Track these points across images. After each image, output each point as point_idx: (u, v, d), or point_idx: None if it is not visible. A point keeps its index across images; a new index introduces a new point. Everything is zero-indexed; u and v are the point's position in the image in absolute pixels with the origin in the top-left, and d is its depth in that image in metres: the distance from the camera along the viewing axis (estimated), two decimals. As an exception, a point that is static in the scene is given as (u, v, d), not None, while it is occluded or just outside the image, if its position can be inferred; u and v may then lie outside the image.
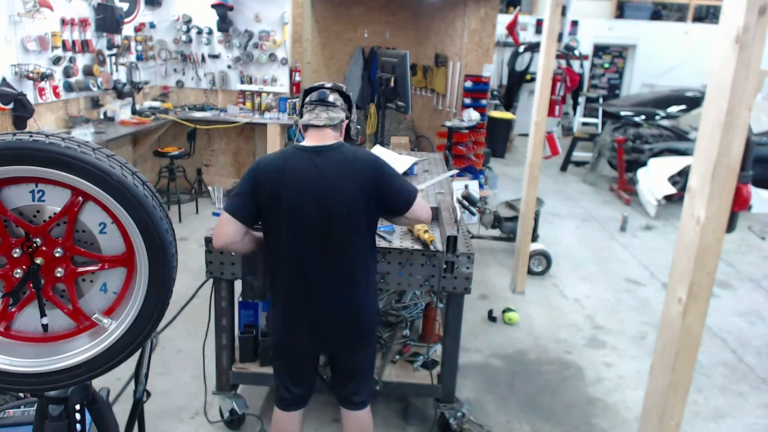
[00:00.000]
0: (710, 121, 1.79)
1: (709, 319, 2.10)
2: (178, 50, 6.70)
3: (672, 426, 2.07)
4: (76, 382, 1.32)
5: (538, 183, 4.60)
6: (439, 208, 3.00)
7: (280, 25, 6.49)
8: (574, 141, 9.46)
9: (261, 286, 2.52)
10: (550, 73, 4.32)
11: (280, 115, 6.47)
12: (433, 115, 7.74)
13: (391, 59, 4.65)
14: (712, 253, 1.87)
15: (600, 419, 3.21)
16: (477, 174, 6.34)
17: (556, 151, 6.33)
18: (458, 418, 2.86)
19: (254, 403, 3.13)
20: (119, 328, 1.31)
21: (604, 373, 3.67)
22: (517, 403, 3.31)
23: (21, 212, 1.23)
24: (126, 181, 1.21)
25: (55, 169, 1.17)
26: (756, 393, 3.54)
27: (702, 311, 1.94)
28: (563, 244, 5.96)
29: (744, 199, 1.94)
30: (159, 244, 1.26)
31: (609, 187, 8.36)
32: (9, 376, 1.27)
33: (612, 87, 13.74)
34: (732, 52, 1.69)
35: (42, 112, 4.90)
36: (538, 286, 4.91)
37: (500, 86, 11.62)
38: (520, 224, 4.71)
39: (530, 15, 12.87)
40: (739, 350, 4.04)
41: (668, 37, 12.88)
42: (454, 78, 7.01)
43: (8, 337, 1.30)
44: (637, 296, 4.87)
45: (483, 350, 3.86)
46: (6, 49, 4.45)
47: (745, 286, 5.19)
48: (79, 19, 5.25)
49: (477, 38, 6.67)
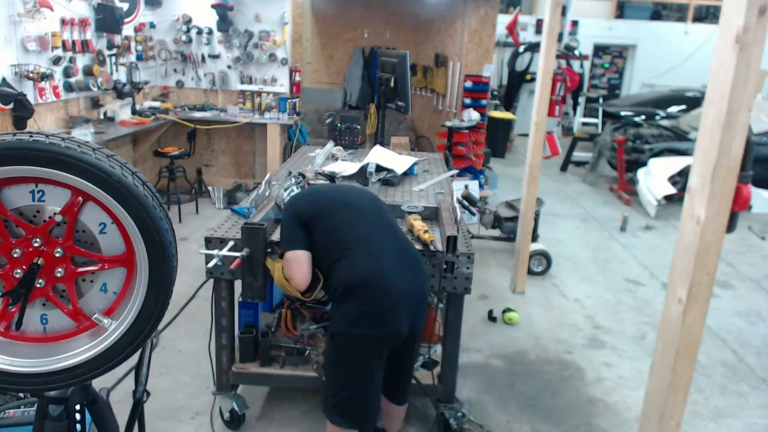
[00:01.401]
0: (710, 121, 1.79)
1: (709, 319, 2.10)
2: (178, 50, 6.71)
3: (672, 426, 2.07)
4: (76, 382, 1.32)
5: (538, 183, 4.60)
6: (439, 208, 3.00)
7: (280, 25, 6.49)
8: (574, 141, 9.46)
9: (261, 286, 2.52)
10: (550, 73, 4.32)
11: (280, 115, 6.47)
12: (433, 115, 7.74)
13: (391, 59, 4.66)
14: (712, 253, 1.87)
15: (600, 419, 3.21)
16: (477, 174, 6.34)
17: (556, 151, 6.33)
18: (458, 418, 2.86)
19: (254, 403, 3.13)
20: (119, 328, 1.31)
21: (604, 373, 3.67)
22: (517, 403, 3.31)
23: (21, 212, 1.23)
24: (126, 181, 1.21)
25: (55, 169, 1.17)
26: (756, 393, 3.54)
27: (702, 311, 1.94)
28: (563, 244, 5.96)
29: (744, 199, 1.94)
30: (159, 244, 1.26)
31: (609, 187, 8.37)
32: (9, 376, 1.27)
33: (612, 87, 13.75)
34: (732, 52, 1.69)
35: (42, 112, 4.90)
36: (538, 286, 4.91)
37: (500, 86, 11.63)
38: (520, 224, 4.71)
39: (530, 15, 12.88)
40: (739, 350, 4.04)
41: (668, 37, 12.89)
42: (454, 78, 7.01)
43: (8, 337, 1.30)
44: (637, 296, 4.87)
45: (483, 350, 3.86)
46: (6, 49, 4.45)
47: (745, 286, 5.19)
48: (79, 19, 5.25)
49: (477, 38, 6.67)
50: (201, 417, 3.03)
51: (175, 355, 3.61)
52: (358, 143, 5.11)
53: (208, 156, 7.13)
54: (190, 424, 3.00)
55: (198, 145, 6.65)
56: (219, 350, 2.83)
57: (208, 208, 6.54)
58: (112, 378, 3.04)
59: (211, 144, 7.08)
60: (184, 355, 3.60)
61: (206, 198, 6.79)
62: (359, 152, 4.57)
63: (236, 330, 2.96)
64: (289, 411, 3.12)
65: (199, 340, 3.71)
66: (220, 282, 2.71)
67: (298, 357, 2.94)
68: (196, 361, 3.52)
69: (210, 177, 7.07)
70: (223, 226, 2.80)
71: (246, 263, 2.46)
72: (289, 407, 3.15)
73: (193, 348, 3.67)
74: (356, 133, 4.95)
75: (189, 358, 3.56)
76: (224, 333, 2.80)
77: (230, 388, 2.91)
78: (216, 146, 7.10)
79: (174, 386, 3.29)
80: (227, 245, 2.50)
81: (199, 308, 3.34)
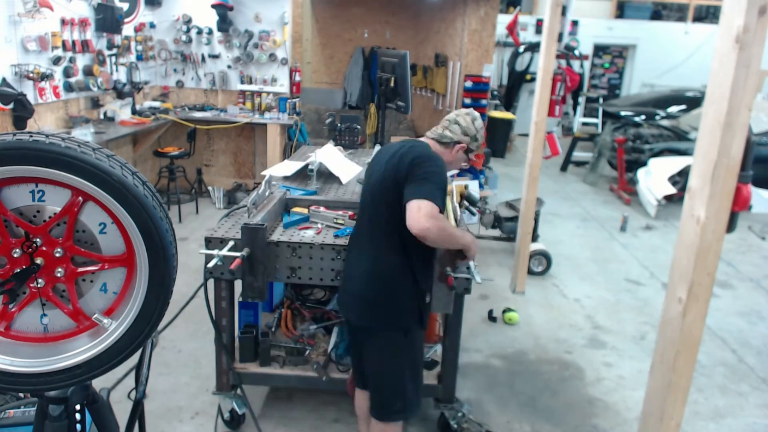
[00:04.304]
0: (710, 121, 1.79)
1: (709, 319, 2.10)
2: (178, 50, 6.71)
3: (672, 426, 2.07)
4: (76, 382, 1.32)
5: (538, 183, 4.60)
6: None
7: (280, 25, 6.49)
8: (574, 141, 9.46)
9: (261, 286, 2.52)
10: (550, 73, 4.32)
11: (280, 115, 6.47)
12: (433, 115, 7.74)
13: (391, 59, 4.65)
14: (712, 253, 1.87)
15: (600, 419, 3.21)
16: (477, 174, 6.34)
17: (556, 151, 6.32)
18: (458, 418, 2.87)
19: (254, 403, 3.13)
20: (119, 328, 1.31)
21: (604, 373, 3.67)
22: (517, 403, 3.31)
23: (21, 212, 1.23)
24: (126, 181, 1.21)
25: (55, 169, 1.17)
26: (756, 393, 3.54)
27: (702, 311, 1.94)
28: (563, 244, 5.96)
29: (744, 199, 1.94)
30: (159, 244, 1.26)
31: (609, 187, 8.37)
32: (9, 376, 1.27)
33: (612, 87, 13.74)
34: (732, 52, 1.69)
35: (42, 112, 4.90)
36: (538, 286, 4.91)
37: (500, 86, 11.62)
38: (520, 224, 4.71)
39: (530, 15, 12.87)
40: (739, 350, 4.04)
41: (668, 37, 12.89)
42: (454, 78, 7.01)
43: (8, 337, 1.30)
44: (637, 296, 4.87)
45: (483, 350, 3.86)
46: (6, 49, 4.45)
47: (745, 286, 5.19)
48: (79, 19, 5.25)
49: (477, 38, 6.67)
50: (201, 417, 3.03)
51: (175, 355, 3.61)
52: (358, 143, 5.11)
53: (208, 156, 7.13)
54: (190, 424, 3.00)
55: (198, 145, 6.65)
56: (219, 350, 2.83)
57: (208, 208, 6.53)
58: (112, 378, 3.04)
59: (211, 144, 7.08)
60: (184, 355, 3.60)
61: (206, 198, 6.79)
62: (359, 152, 4.57)
63: (236, 330, 2.96)
64: (289, 411, 3.12)
65: (199, 340, 3.71)
66: (220, 282, 2.71)
67: (298, 357, 2.94)
68: (196, 361, 3.52)
69: (210, 177, 7.07)
70: (223, 226, 2.80)
71: (246, 263, 2.46)
72: (289, 407, 3.15)
73: (193, 348, 3.67)
74: (356, 133, 4.95)
75: (189, 358, 3.56)
76: (224, 333, 2.80)
77: (230, 388, 2.91)
78: (216, 146, 7.10)
79: (174, 386, 3.29)
80: (227, 245, 2.50)
81: (199, 308, 3.34)
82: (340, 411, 3.12)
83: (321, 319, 3.24)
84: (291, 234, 2.74)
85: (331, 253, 2.59)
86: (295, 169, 3.57)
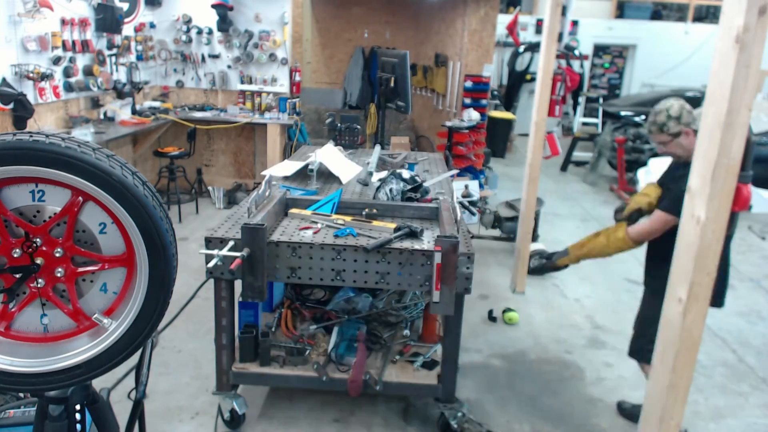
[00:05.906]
0: (710, 121, 1.79)
1: (709, 319, 2.10)
2: (178, 50, 6.71)
3: (672, 426, 2.07)
4: (76, 382, 1.32)
5: (538, 183, 4.60)
6: (439, 208, 3.00)
7: (280, 25, 6.49)
8: (574, 141, 9.46)
9: (261, 286, 2.52)
10: (550, 73, 4.32)
11: (280, 115, 6.47)
12: (433, 115, 7.74)
13: (391, 59, 4.66)
14: (712, 253, 1.87)
15: (600, 419, 3.21)
16: (477, 174, 6.34)
17: (556, 151, 6.32)
18: (458, 418, 2.86)
19: (254, 403, 3.13)
20: (119, 328, 1.31)
21: (604, 373, 3.67)
22: (518, 403, 3.31)
23: (21, 212, 1.23)
24: (126, 181, 1.21)
25: (55, 169, 1.17)
26: (756, 393, 3.54)
27: (702, 311, 1.94)
28: (563, 244, 5.92)
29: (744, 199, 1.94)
30: (159, 244, 1.26)
31: (609, 187, 8.36)
32: (9, 376, 1.27)
33: (612, 87, 13.74)
34: (732, 52, 1.69)
35: (42, 112, 4.90)
36: (538, 286, 4.91)
37: (500, 86, 11.63)
38: (520, 224, 4.71)
39: (530, 15, 12.87)
40: (739, 350, 4.04)
41: (668, 37, 12.88)
42: (454, 78, 7.01)
43: (8, 337, 1.30)
44: (638, 296, 4.81)
45: (483, 350, 3.86)
46: (6, 49, 4.45)
47: (745, 286, 5.19)
48: (79, 19, 5.25)
49: (477, 38, 6.67)
50: (201, 417, 3.03)
51: (175, 355, 3.61)
52: (358, 143, 5.11)
53: (208, 156, 7.13)
54: (190, 424, 3.00)
55: (198, 145, 6.65)
56: (219, 350, 2.83)
57: (208, 208, 6.54)
58: (112, 378, 3.04)
59: (211, 144, 7.08)
60: (184, 355, 3.60)
61: (206, 198, 6.79)
62: (359, 152, 4.57)
63: (236, 330, 2.96)
64: (289, 411, 3.12)
65: (199, 340, 3.71)
66: (220, 282, 2.71)
67: (298, 357, 2.94)
68: (196, 361, 3.52)
69: (210, 177, 7.07)
70: (223, 226, 2.80)
71: (246, 263, 2.46)
72: (289, 407, 3.15)
73: (193, 348, 3.67)
74: (356, 133, 4.96)
75: (189, 358, 3.56)
76: (224, 333, 2.80)
77: (230, 388, 2.91)
78: (216, 146, 7.10)
79: (174, 386, 3.29)
80: (227, 245, 2.50)
81: (199, 308, 3.35)
82: (340, 411, 3.12)
83: (321, 319, 3.24)
84: (291, 234, 2.73)
85: (331, 253, 2.58)
86: (295, 169, 3.57)
